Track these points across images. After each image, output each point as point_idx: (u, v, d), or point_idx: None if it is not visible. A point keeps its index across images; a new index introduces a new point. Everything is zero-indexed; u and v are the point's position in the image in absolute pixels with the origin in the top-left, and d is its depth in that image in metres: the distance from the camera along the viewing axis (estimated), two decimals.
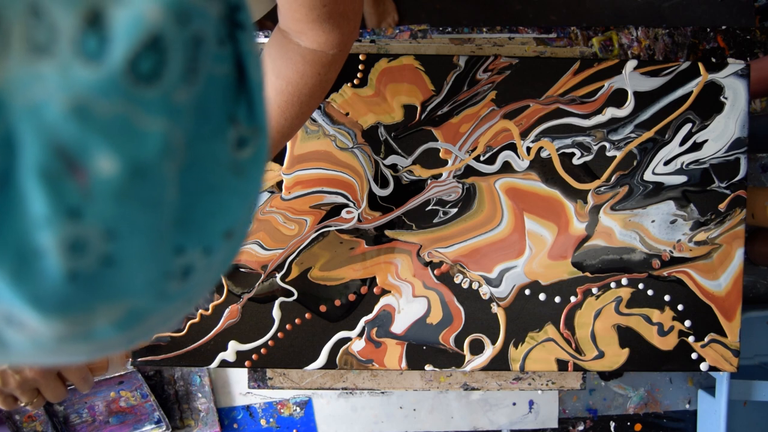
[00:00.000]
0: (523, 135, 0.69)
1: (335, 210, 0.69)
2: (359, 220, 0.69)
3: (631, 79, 0.68)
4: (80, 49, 0.13)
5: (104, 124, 0.14)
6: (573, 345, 0.68)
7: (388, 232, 0.69)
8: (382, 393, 0.84)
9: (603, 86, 0.69)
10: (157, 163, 0.15)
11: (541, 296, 0.68)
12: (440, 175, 0.69)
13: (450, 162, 0.69)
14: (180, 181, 0.16)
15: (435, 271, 0.68)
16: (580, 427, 0.85)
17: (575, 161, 0.69)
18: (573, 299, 0.68)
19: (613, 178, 0.69)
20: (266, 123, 0.20)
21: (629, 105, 0.68)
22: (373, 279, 0.68)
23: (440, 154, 0.69)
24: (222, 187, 0.18)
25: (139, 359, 0.69)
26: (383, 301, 0.68)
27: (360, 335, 0.68)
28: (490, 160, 0.69)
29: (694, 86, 0.68)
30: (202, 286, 0.20)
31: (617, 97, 0.69)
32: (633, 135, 0.68)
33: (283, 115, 0.52)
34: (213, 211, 0.18)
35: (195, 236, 0.18)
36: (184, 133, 0.16)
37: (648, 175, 0.69)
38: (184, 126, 0.16)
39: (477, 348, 0.68)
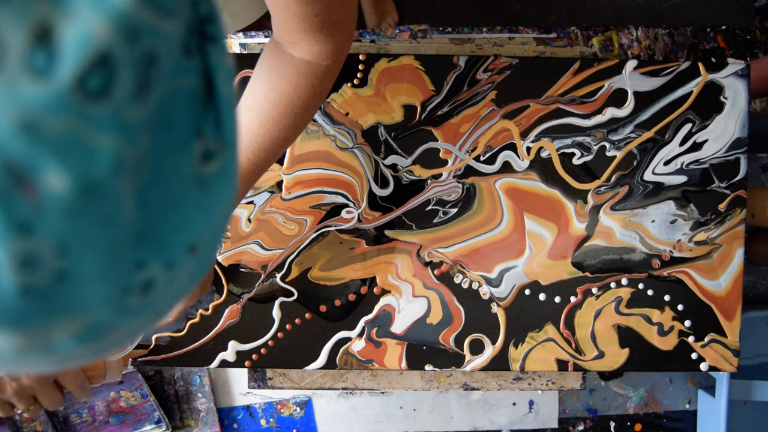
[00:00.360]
0: (523, 135, 0.69)
1: (335, 210, 0.69)
2: (359, 220, 0.69)
3: (631, 79, 0.68)
4: (28, 65, 0.13)
5: (53, 141, 0.14)
6: (573, 345, 0.68)
7: (388, 232, 0.69)
8: (382, 393, 0.84)
9: (603, 86, 0.69)
10: (109, 180, 0.15)
11: (541, 296, 0.68)
12: (440, 175, 0.69)
13: (450, 162, 0.69)
14: (139, 196, 0.16)
15: (435, 271, 0.68)
16: (580, 427, 0.85)
17: (575, 161, 0.69)
18: (573, 299, 0.68)
19: (613, 178, 0.69)
20: (235, 137, 0.20)
21: (629, 105, 0.68)
22: (373, 279, 0.68)
23: (440, 154, 0.69)
24: (185, 202, 0.18)
25: (140, 359, 0.69)
26: (383, 301, 0.68)
27: (360, 335, 0.68)
28: (490, 160, 0.69)
29: (694, 86, 0.68)
30: (168, 299, 0.19)
31: (617, 97, 0.69)
32: (633, 135, 0.68)
33: (278, 127, 0.52)
34: (175, 225, 0.18)
35: (156, 250, 0.18)
36: (140, 149, 0.16)
37: (648, 175, 0.69)
38: (138, 142, 0.16)
39: (477, 348, 0.68)
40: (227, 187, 0.20)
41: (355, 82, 0.69)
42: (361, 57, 0.69)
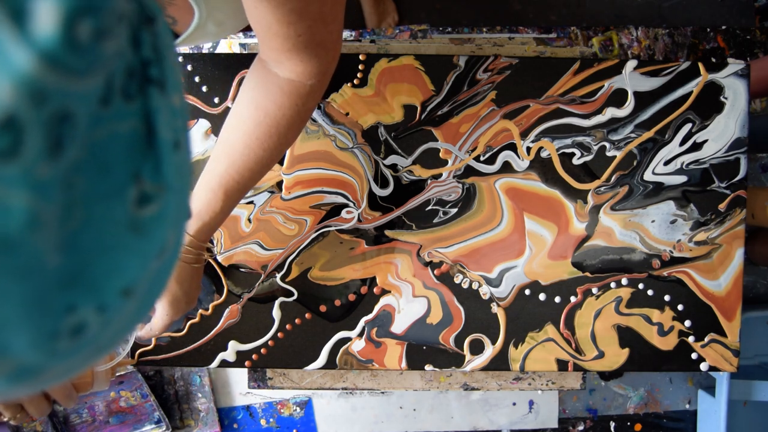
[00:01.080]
0: (523, 135, 0.69)
1: (335, 210, 0.69)
2: (359, 220, 0.69)
3: (631, 79, 0.68)
4: None
5: None
6: (573, 345, 0.68)
7: (388, 232, 0.69)
8: (382, 393, 0.84)
9: (603, 86, 0.69)
10: (23, 235, 0.15)
11: (541, 296, 0.68)
12: (440, 175, 0.69)
13: (450, 162, 0.69)
14: (68, 242, 0.17)
15: (435, 271, 0.68)
16: (580, 427, 0.85)
17: (575, 161, 0.69)
18: (573, 299, 0.68)
19: (613, 178, 0.69)
20: (175, 180, 0.20)
21: (629, 105, 0.68)
22: (373, 279, 0.68)
23: (440, 154, 0.69)
24: (118, 246, 0.18)
25: (140, 359, 0.69)
26: (383, 301, 0.68)
27: (360, 335, 0.68)
28: (490, 160, 0.69)
29: (694, 86, 0.68)
30: (109, 337, 0.20)
31: (617, 97, 0.69)
32: (633, 135, 0.68)
33: (262, 147, 0.52)
34: (108, 269, 0.18)
35: (87, 295, 0.18)
36: (58, 203, 0.16)
37: (648, 175, 0.69)
38: (55, 197, 0.16)
39: (477, 348, 0.68)
40: (164, 231, 0.20)
41: (355, 82, 0.69)
42: (361, 57, 0.69)
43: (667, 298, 0.68)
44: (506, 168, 0.69)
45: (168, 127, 0.19)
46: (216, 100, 0.69)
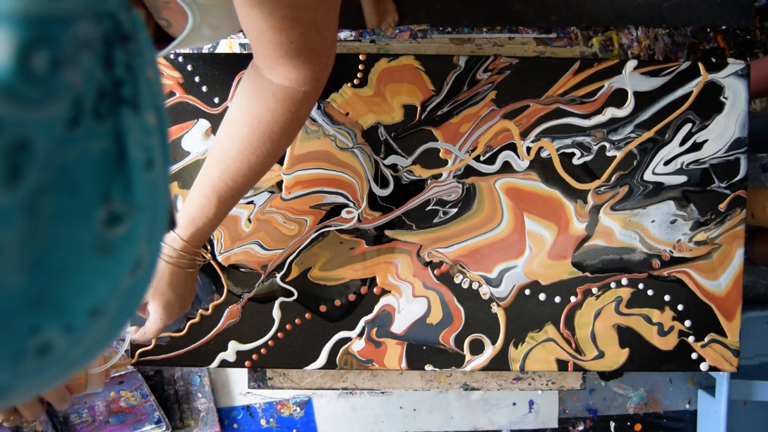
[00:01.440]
0: (523, 135, 0.69)
1: (335, 210, 0.69)
2: (359, 220, 0.69)
3: (631, 79, 0.68)
4: None
5: None
6: (573, 345, 0.68)
7: (388, 232, 0.69)
8: (382, 393, 0.84)
9: (603, 86, 0.69)
10: None
11: (541, 296, 0.68)
12: (440, 175, 0.69)
13: (450, 162, 0.69)
14: (33, 264, 0.17)
15: (435, 271, 0.68)
16: (580, 427, 0.85)
17: (575, 161, 0.69)
18: (573, 299, 0.68)
19: (613, 178, 0.69)
20: (146, 200, 0.20)
21: (629, 105, 0.68)
22: (373, 279, 0.68)
23: (440, 154, 0.69)
24: (85, 267, 0.18)
25: (140, 359, 0.69)
26: (383, 301, 0.68)
27: (360, 335, 0.68)
28: (490, 160, 0.69)
29: (694, 86, 0.68)
30: (76, 356, 0.20)
31: (617, 97, 0.69)
32: (633, 135, 0.68)
33: (255, 153, 0.52)
34: (74, 291, 0.18)
35: (53, 316, 0.18)
36: (17, 230, 0.16)
37: (648, 175, 0.69)
38: (14, 225, 0.16)
39: (477, 348, 0.68)
40: (133, 251, 0.20)
41: (355, 82, 0.69)
42: (361, 57, 0.69)
43: (667, 298, 0.68)
44: (506, 168, 0.69)
45: (140, 146, 0.19)
46: (216, 100, 0.69)
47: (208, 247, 0.69)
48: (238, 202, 0.56)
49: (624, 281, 0.68)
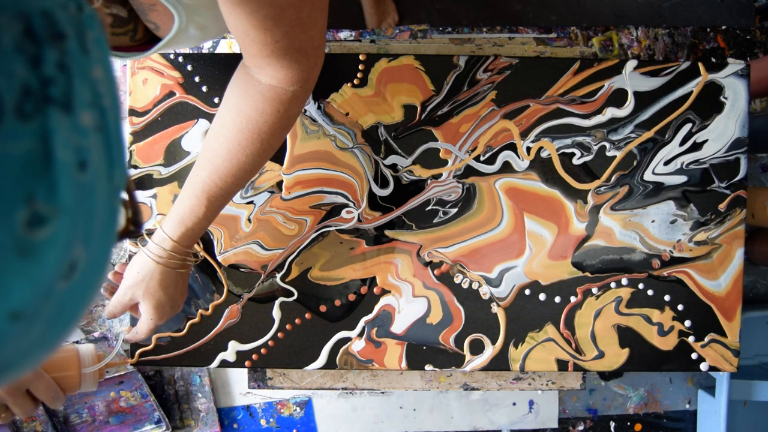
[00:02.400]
0: (523, 135, 0.69)
1: (335, 210, 0.69)
2: (359, 220, 0.69)
3: (631, 79, 0.68)
4: None
5: None
6: (573, 345, 0.68)
7: (388, 232, 0.69)
8: (382, 393, 0.84)
9: (603, 86, 0.69)
10: None
11: (541, 296, 0.68)
12: (440, 175, 0.69)
13: (450, 162, 0.69)
14: None
15: (435, 271, 0.68)
16: (580, 427, 0.85)
17: (575, 161, 0.69)
18: (573, 299, 0.68)
19: (613, 178, 0.69)
20: (75, 202, 0.19)
21: (629, 105, 0.68)
22: (373, 279, 0.68)
23: (440, 154, 0.69)
24: (2, 270, 0.18)
25: (140, 359, 0.69)
26: (383, 301, 0.68)
27: (360, 335, 0.68)
28: (490, 160, 0.69)
29: (694, 86, 0.68)
30: (8, 360, 0.19)
31: (617, 97, 0.69)
32: (633, 135, 0.68)
33: (244, 153, 0.52)
34: None
35: None
36: None
37: (648, 175, 0.69)
38: None
39: (477, 348, 0.68)
40: (58, 255, 0.19)
41: (355, 82, 0.69)
42: (361, 57, 0.69)
43: (667, 298, 0.68)
44: (506, 168, 0.69)
45: (70, 147, 0.19)
46: (216, 100, 0.69)
47: (200, 245, 0.68)
48: (229, 201, 0.56)
49: (624, 281, 0.68)
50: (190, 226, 0.55)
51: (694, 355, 0.68)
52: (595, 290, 0.68)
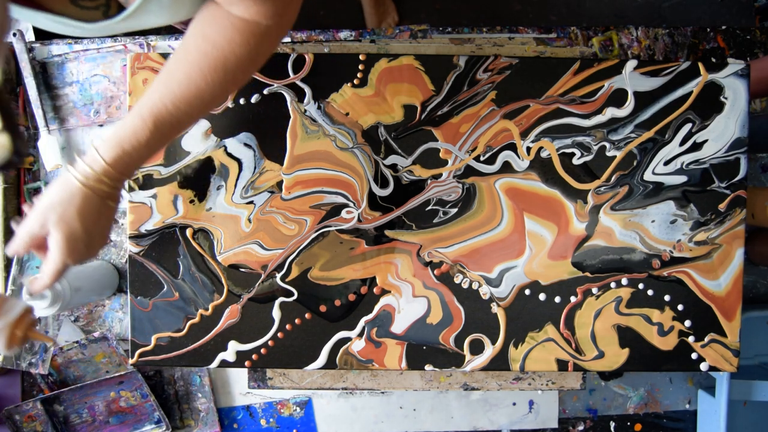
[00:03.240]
0: (523, 135, 0.69)
1: (335, 210, 0.69)
2: (359, 220, 0.69)
3: (631, 79, 0.68)
4: None
5: None
6: (573, 345, 0.68)
7: (388, 232, 0.69)
8: (382, 393, 0.84)
9: (603, 86, 0.69)
10: None
11: (541, 296, 0.68)
12: (440, 175, 0.69)
13: (450, 162, 0.69)
14: None
15: (435, 271, 0.68)
16: (580, 427, 0.85)
17: (575, 161, 0.69)
18: (573, 299, 0.68)
19: (613, 178, 0.69)
20: None
21: (629, 105, 0.68)
22: (373, 279, 0.68)
23: (440, 154, 0.69)
24: None
25: (139, 359, 0.69)
26: (383, 301, 0.68)
27: (360, 335, 0.68)
28: (490, 160, 0.69)
29: (694, 86, 0.68)
30: None
31: (617, 97, 0.69)
32: (633, 135, 0.68)
33: (204, 79, 0.48)
34: None
35: None
36: None
37: (648, 175, 0.69)
38: None
39: (477, 348, 0.68)
40: None
41: (355, 82, 0.69)
42: (361, 57, 0.69)
43: (667, 298, 0.68)
44: (506, 168, 0.69)
45: None
46: None
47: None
48: (176, 135, 0.51)
49: (624, 281, 0.68)
50: (128, 150, 0.49)
51: (694, 355, 0.68)
52: (595, 290, 0.68)
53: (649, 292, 0.68)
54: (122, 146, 0.49)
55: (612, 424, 0.85)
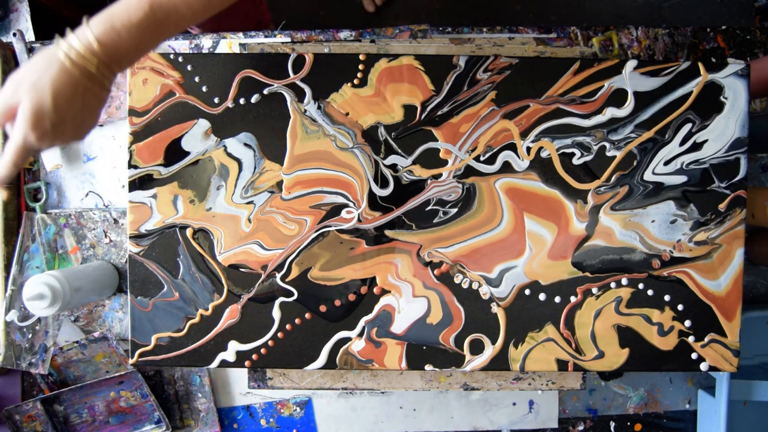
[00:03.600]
0: (523, 135, 0.69)
1: (335, 210, 0.69)
2: (359, 220, 0.69)
3: (631, 79, 0.68)
4: None
5: None
6: (573, 345, 0.68)
7: (388, 232, 0.69)
8: (382, 393, 0.84)
9: (603, 86, 0.69)
10: None
11: (541, 296, 0.68)
12: (440, 175, 0.69)
13: (450, 162, 0.69)
14: None
15: (435, 271, 0.68)
16: (580, 427, 0.85)
17: (575, 161, 0.69)
18: (573, 299, 0.68)
19: (613, 178, 0.69)
20: None
21: (629, 105, 0.68)
22: (373, 279, 0.68)
23: (440, 154, 0.69)
24: None
25: (139, 359, 0.69)
26: (383, 301, 0.68)
27: (360, 335, 0.68)
28: (490, 160, 0.69)
29: (694, 86, 0.68)
30: None
31: (617, 97, 0.69)
32: (633, 135, 0.68)
33: None
34: None
35: None
36: None
37: (648, 175, 0.69)
38: None
39: (477, 348, 0.68)
40: None
41: (355, 82, 0.69)
42: (361, 57, 0.69)
43: (667, 298, 0.68)
44: (506, 168, 0.69)
45: None
46: (216, 100, 0.69)
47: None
48: (173, 31, 0.48)
49: (624, 281, 0.68)
50: (117, 27, 0.46)
51: (694, 355, 0.68)
52: (595, 290, 0.68)
53: (649, 292, 0.68)
54: (112, 22, 0.46)
55: (612, 424, 0.85)
